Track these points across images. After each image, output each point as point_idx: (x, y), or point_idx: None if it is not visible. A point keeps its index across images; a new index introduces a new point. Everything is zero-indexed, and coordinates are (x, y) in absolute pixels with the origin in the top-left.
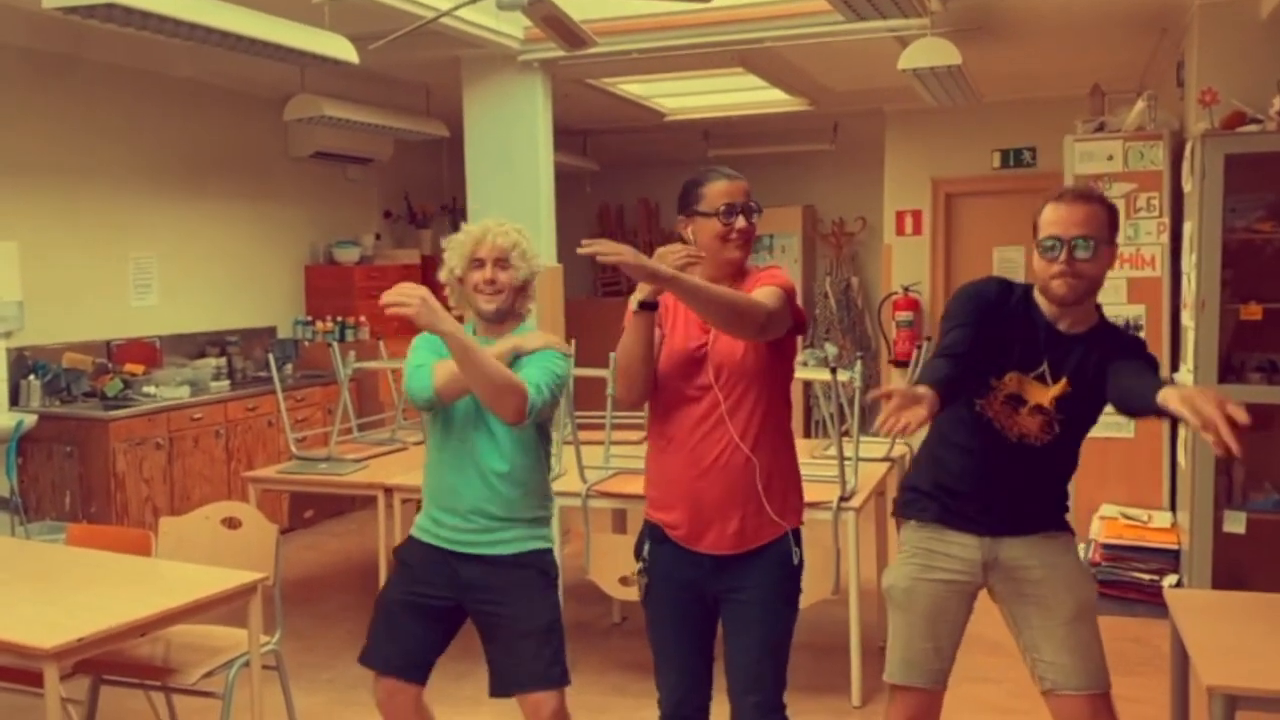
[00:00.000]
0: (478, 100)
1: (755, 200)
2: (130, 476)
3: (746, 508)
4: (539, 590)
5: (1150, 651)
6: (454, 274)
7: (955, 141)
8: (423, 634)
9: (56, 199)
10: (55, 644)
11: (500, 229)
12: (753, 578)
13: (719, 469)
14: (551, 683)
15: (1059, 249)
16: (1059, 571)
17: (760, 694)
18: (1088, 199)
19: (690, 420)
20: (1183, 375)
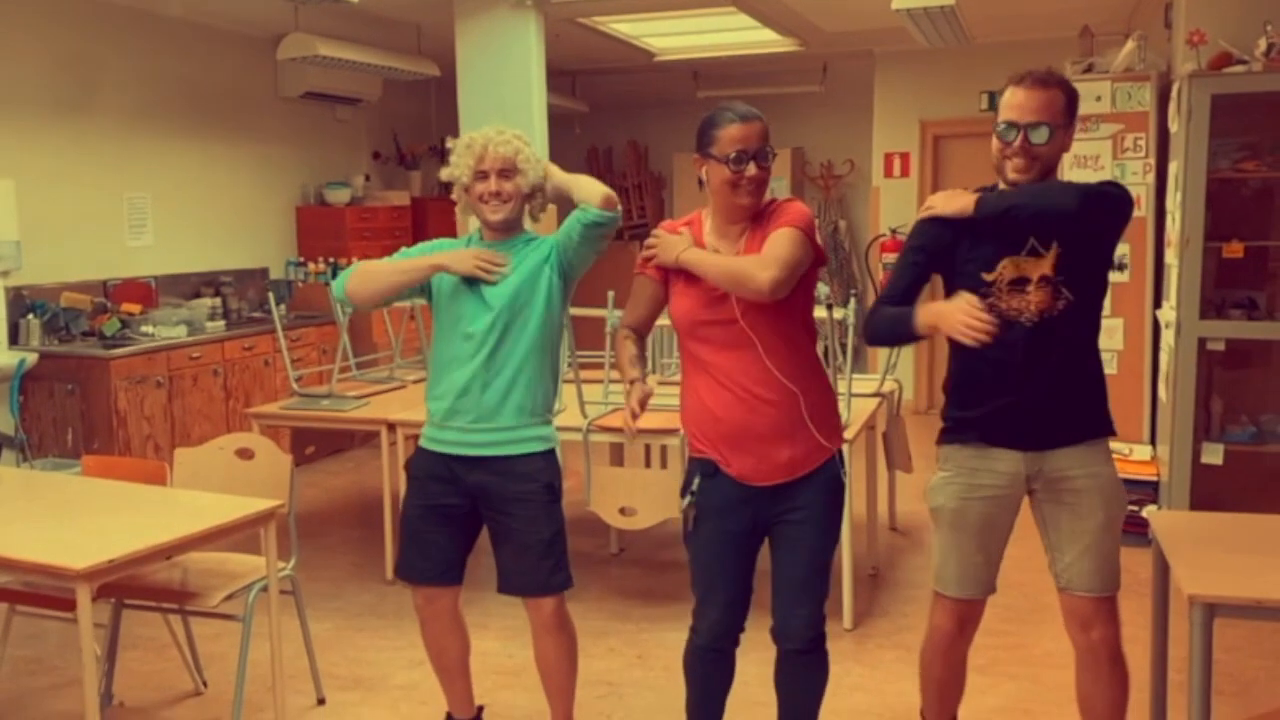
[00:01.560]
0: (470, 39)
1: (770, 146)
2: (132, 414)
3: (795, 437)
4: (544, 504)
5: (1129, 578)
6: (460, 183)
7: (944, 83)
8: (446, 540)
9: (51, 137)
10: (86, 565)
11: (501, 138)
12: (806, 499)
13: (765, 404)
14: (553, 589)
15: (1015, 133)
16: (1099, 482)
17: (809, 606)
18: (1046, 84)
19: (726, 359)
20: (1165, 312)
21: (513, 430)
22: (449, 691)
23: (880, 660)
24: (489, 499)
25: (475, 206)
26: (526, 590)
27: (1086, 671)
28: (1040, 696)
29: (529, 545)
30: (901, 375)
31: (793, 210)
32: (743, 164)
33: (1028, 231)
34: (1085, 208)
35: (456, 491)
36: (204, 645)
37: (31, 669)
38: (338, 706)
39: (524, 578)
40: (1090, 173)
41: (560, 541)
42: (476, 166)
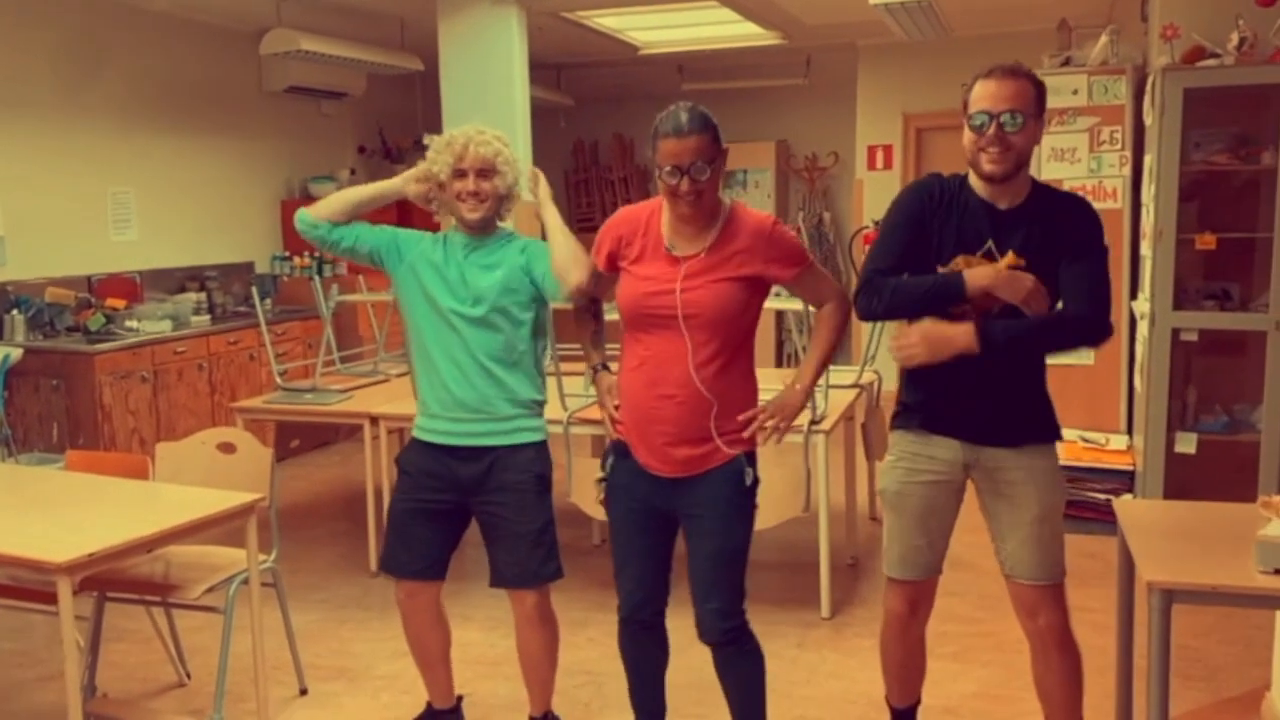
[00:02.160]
0: (453, 33)
1: (708, 159)
2: (117, 408)
3: (696, 439)
4: (535, 494)
5: (1103, 566)
6: (437, 179)
7: (926, 76)
8: (431, 536)
9: (34, 133)
10: (67, 558)
11: (482, 138)
12: (706, 494)
13: (674, 402)
14: (544, 578)
15: (988, 123)
16: (1034, 474)
17: (718, 601)
18: (1015, 75)
19: (655, 350)
20: (1140, 304)
21: (508, 420)
22: (429, 682)
23: (857, 648)
24: (480, 491)
25: (452, 204)
26: (519, 581)
27: (1037, 657)
28: (1011, 682)
29: (520, 535)
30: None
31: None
32: (676, 179)
33: (988, 238)
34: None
35: (446, 487)
36: (187, 637)
37: (18, 661)
38: (320, 697)
39: (516, 568)
40: (1067, 165)
41: (551, 531)
42: (456, 164)
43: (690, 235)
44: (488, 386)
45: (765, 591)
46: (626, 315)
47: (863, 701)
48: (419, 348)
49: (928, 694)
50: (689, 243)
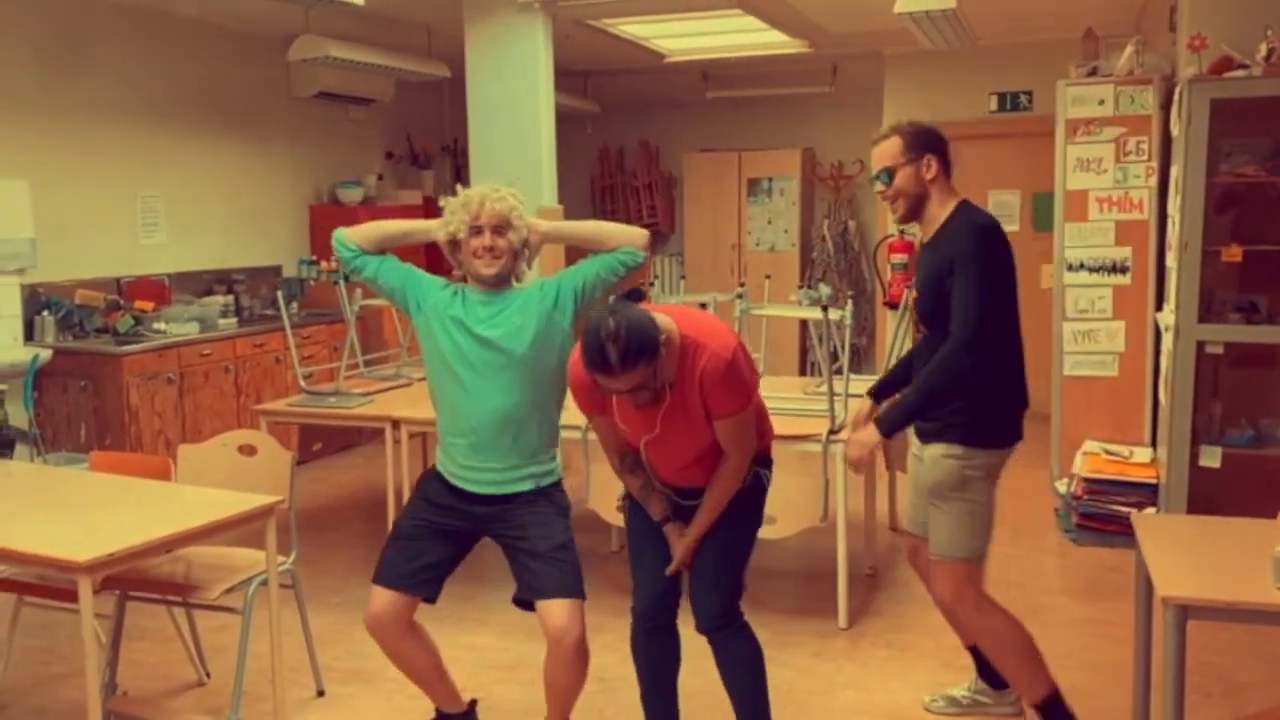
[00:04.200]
0: (479, 40)
1: (640, 385)
2: (143, 410)
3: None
4: (554, 519)
5: (1124, 579)
6: (455, 237)
7: (953, 85)
8: (437, 551)
9: (65, 137)
10: (88, 558)
11: (496, 195)
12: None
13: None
14: (567, 591)
15: (875, 184)
16: (929, 464)
17: (714, 593)
18: (886, 136)
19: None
20: (1165, 316)
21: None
22: (432, 695)
23: (872, 659)
24: (503, 521)
25: (469, 261)
26: (556, 588)
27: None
28: None
29: (542, 554)
30: None
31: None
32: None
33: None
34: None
35: (458, 513)
36: (207, 637)
37: (43, 658)
38: (336, 698)
39: (539, 581)
40: (1093, 176)
41: (572, 549)
42: (472, 222)
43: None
44: (512, 438)
45: (782, 600)
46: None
47: (878, 713)
48: (443, 391)
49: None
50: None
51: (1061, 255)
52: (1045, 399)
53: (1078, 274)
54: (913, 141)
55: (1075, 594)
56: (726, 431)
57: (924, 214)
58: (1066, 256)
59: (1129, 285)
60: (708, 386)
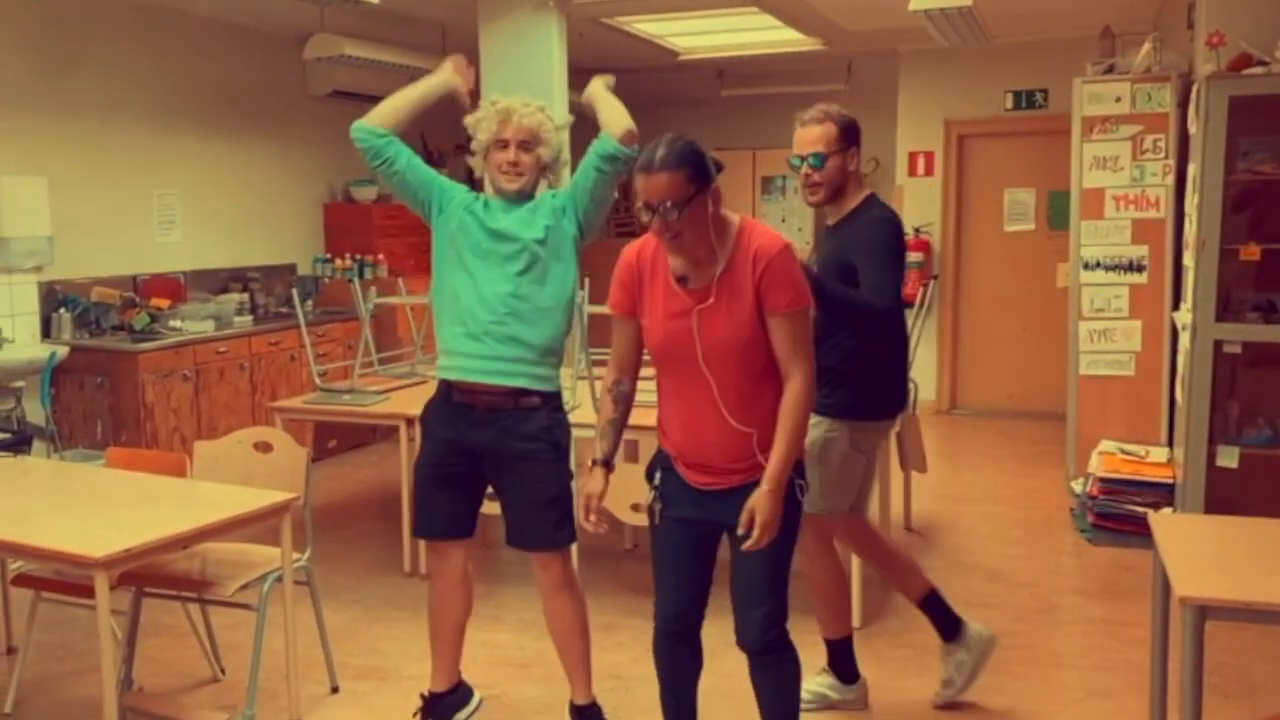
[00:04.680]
0: (493, 39)
1: (681, 198)
2: (159, 407)
3: (742, 464)
4: (550, 463)
5: (1142, 580)
6: (481, 145)
7: (968, 83)
8: (450, 499)
9: (83, 135)
10: (104, 554)
11: (525, 109)
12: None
13: (711, 443)
14: (557, 544)
15: (800, 165)
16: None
17: (764, 607)
18: (819, 121)
19: (684, 389)
20: (1182, 315)
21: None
22: (437, 657)
23: (887, 658)
24: (498, 457)
25: (492, 174)
26: (532, 543)
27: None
28: (1046, 696)
29: (535, 502)
30: (920, 375)
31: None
32: (647, 216)
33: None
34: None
35: (459, 450)
36: (223, 634)
37: (58, 654)
38: (351, 695)
39: (530, 531)
40: (1109, 174)
41: (566, 498)
42: (499, 134)
43: (698, 262)
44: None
45: (795, 600)
46: (655, 357)
47: (893, 712)
48: (443, 288)
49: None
50: (700, 271)
51: (1077, 254)
52: (1061, 398)
53: (1094, 273)
54: (845, 132)
55: (1091, 594)
56: (783, 333)
57: (838, 202)
58: (1083, 255)
59: (1145, 284)
60: (760, 266)
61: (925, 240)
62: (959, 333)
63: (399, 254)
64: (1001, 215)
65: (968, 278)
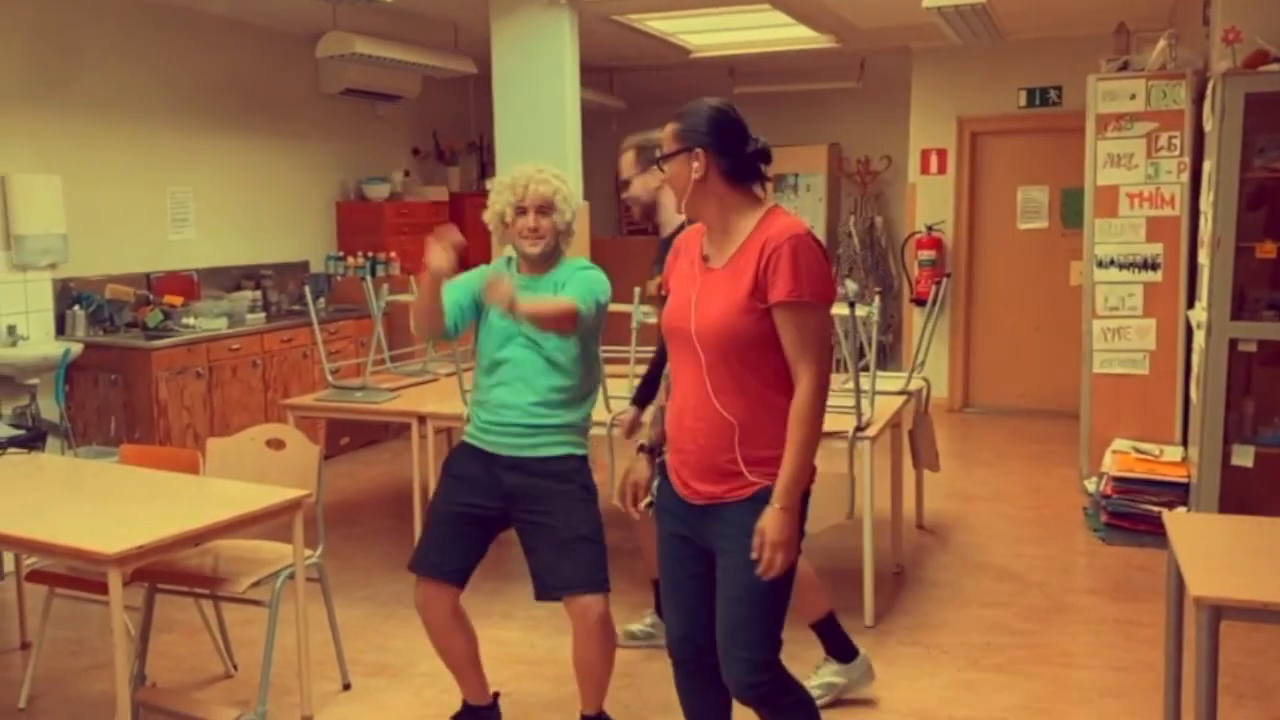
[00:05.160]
0: (505, 36)
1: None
2: (172, 404)
3: (720, 469)
4: (580, 501)
5: (1156, 579)
6: (500, 218)
7: (982, 80)
8: (463, 543)
9: (97, 133)
10: (118, 550)
11: (540, 177)
12: (727, 529)
13: (695, 432)
14: (597, 586)
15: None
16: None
17: (740, 650)
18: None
19: (682, 371)
20: (1197, 313)
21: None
22: (462, 683)
23: (898, 656)
24: (529, 498)
25: (515, 241)
26: (571, 586)
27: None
28: (1059, 696)
29: (568, 541)
30: (932, 373)
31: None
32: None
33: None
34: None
35: (490, 491)
36: (235, 630)
37: (72, 650)
38: (362, 692)
39: (566, 574)
40: (1124, 171)
41: (600, 540)
42: (517, 203)
43: (719, 243)
44: (529, 406)
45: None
46: (665, 334)
47: (904, 710)
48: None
49: (971, 706)
50: (719, 252)
51: (1091, 252)
52: (1073, 397)
53: (1108, 270)
54: (642, 154)
55: (1103, 593)
56: (786, 328)
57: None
58: (1096, 253)
59: (1160, 282)
60: (767, 252)
61: (938, 238)
62: (971, 331)
63: (411, 252)
64: (1015, 213)
65: (980, 276)
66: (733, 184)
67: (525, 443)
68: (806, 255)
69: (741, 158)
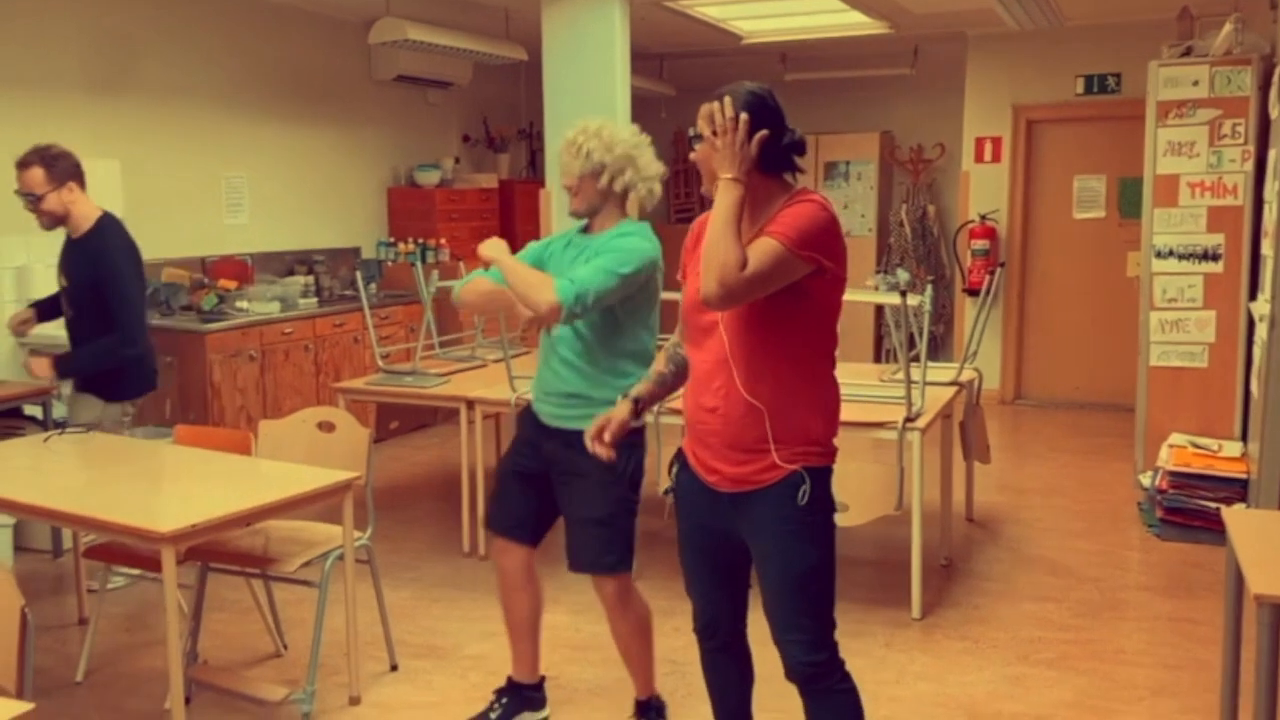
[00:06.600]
0: (556, 23)
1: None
2: (226, 386)
3: (748, 453)
4: (596, 482)
5: (1213, 577)
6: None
7: (1038, 67)
8: (522, 498)
9: (154, 119)
10: (172, 528)
11: (568, 140)
12: (760, 515)
13: (718, 414)
14: (603, 569)
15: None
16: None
17: (793, 635)
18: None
19: (701, 356)
20: (1259, 305)
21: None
22: (515, 653)
23: (946, 650)
24: (560, 464)
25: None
26: (581, 565)
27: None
28: (1110, 693)
29: (585, 519)
30: (984, 365)
31: (792, 217)
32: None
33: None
34: None
35: (535, 455)
36: (286, 610)
37: (126, 626)
38: (410, 673)
39: (579, 552)
40: (1185, 160)
41: (617, 524)
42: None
43: (744, 228)
44: (561, 380)
45: (855, 590)
46: (683, 317)
47: (951, 705)
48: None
49: (1020, 701)
50: (746, 232)
51: (1149, 242)
52: (1128, 390)
53: (1166, 261)
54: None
55: (1158, 590)
56: (758, 245)
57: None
58: (1155, 243)
59: (1221, 273)
60: (784, 209)
61: (991, 227)
62: (1025, 321)
63: (461, 238)
64: (1070, 202)
65: (1034, 266)
66: (763, 170)
67: (559, 413)
68: (812, 217)
69: (775, 145)
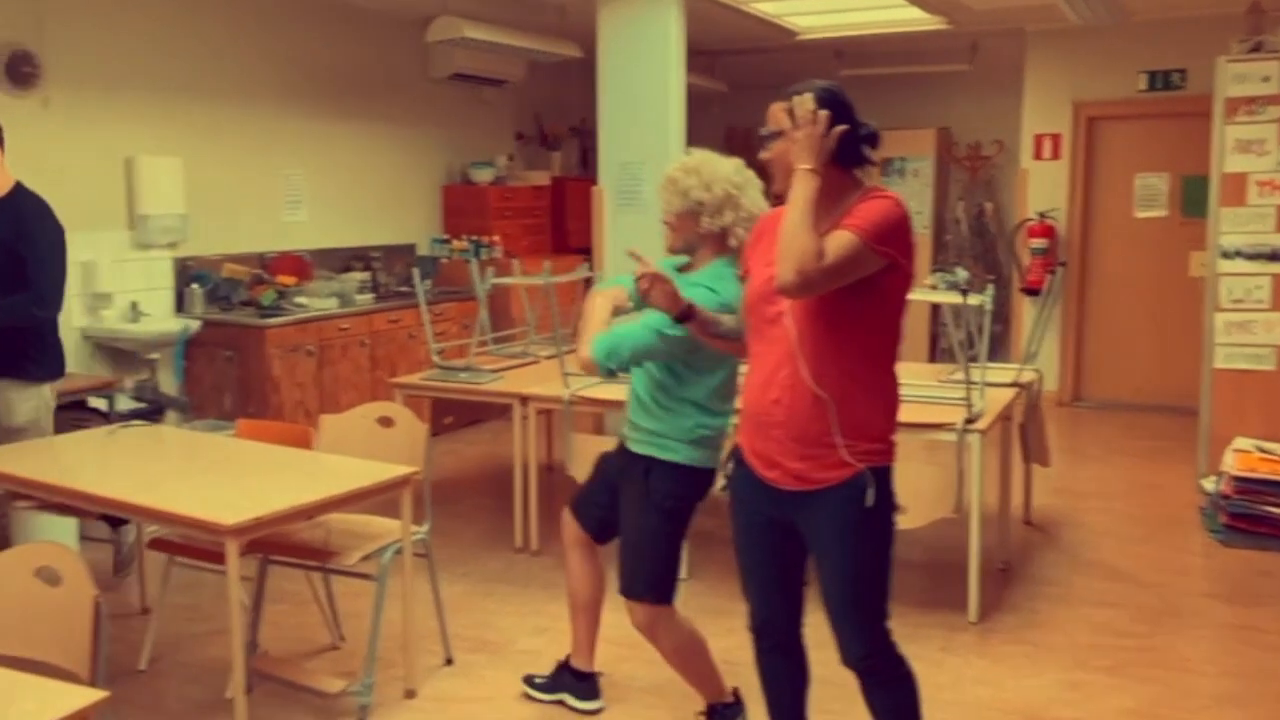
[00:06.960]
0: (612, 21)
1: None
2: (285, 380)
3: (813, 447)
4: (638, 506)
5: (1276, 584)
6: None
7: (1100, 63)
8: (604, 495)
9: (214, 117)
10: (235, 521)
11: (664, 182)
12: (823, 515)
13: (783, 406)
14: (630, 595)
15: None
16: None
17: (848, 629)
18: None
19: (766, 349)
20: None
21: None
22: (575, 630)
23: (1004, 655)
24: (618, 477)
25: None
26: (619, 584)
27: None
28: (1172, 702)
29: (623, 541)
30: (1044, 365)
31: (866, 211)
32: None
33: None
34: None
35: (614, 466)
36: (343, 603)
37: (189, 615)
38: (464, 667)
39: (619, 572)
40: (1254, 158)
41: (647, 552)
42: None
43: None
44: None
45: (911, 592)
46: (746, 312)
47: (1009, 710)
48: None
49: (1079, 708)
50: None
51: (1216, 242)
52: (1190, 392)
53: (1233, 261)
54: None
55: (1221, 597)
56: (835, 237)
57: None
58: (1221, 243)
59: None
60: (859, 204)
61: (1050, 226)
62: (1084, 322)
63: (514, 235)
64: (1132, 201)
65: (1095, 265)
66: (836, 166)
67: (628, 434)
68: (886, 213)
69: (849, 140)
